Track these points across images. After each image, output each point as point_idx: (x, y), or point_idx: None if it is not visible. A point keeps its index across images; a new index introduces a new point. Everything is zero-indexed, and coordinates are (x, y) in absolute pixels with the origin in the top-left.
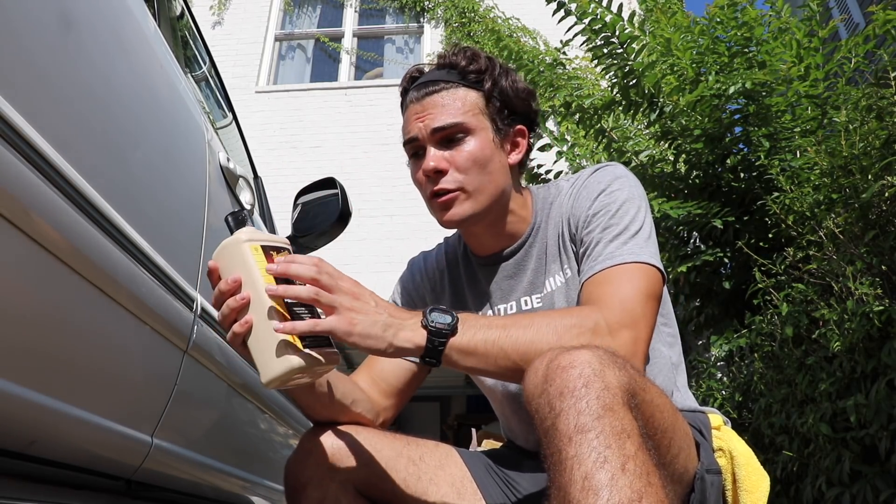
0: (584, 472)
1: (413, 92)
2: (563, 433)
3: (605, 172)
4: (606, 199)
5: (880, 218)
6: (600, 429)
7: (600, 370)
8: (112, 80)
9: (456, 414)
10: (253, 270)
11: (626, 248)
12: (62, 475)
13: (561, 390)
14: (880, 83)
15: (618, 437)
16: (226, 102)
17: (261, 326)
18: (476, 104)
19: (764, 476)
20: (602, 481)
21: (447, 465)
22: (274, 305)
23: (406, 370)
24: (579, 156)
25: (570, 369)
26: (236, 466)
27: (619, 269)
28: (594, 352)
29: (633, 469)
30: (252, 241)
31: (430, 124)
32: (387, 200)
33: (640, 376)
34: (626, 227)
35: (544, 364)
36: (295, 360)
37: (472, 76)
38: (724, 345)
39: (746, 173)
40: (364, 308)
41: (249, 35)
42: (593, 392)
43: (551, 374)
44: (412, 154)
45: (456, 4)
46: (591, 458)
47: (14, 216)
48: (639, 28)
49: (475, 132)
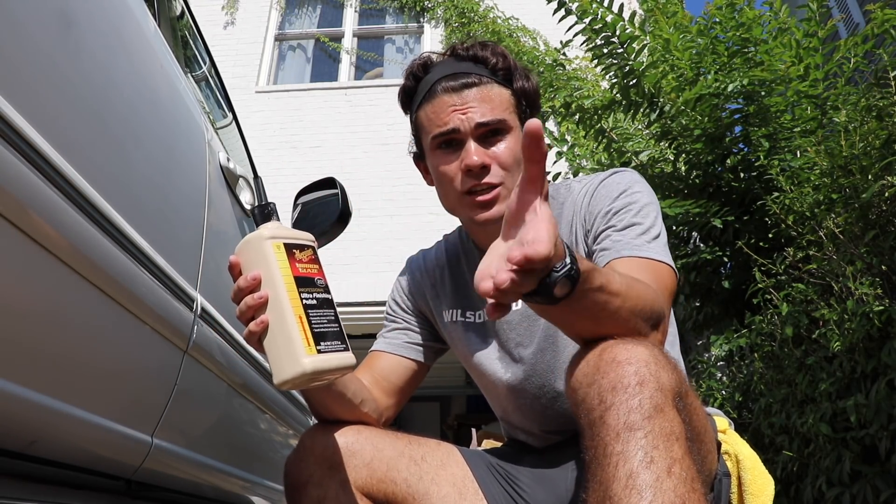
0: (628, 470)
1: (446, 81)
2: (612, 428)
3: (625, 175)
4: (629, 199)
5: (880, 218)
6: (650, 428)
7: (656, 370)
8: (112, 80)
9: (456, 414)
10: (273, 269)
11: (653, 246)
12: (62, 475)
13: (614, 384)
14: (880, 83)
15: (666, 439)
16: (226, 102)
17: (277, 327)
18: (511, 102)
19: (769, 480)
20: (647, 481)
21: (449, 465)
22: (291, 307)
23: (407, 368)
24: (579, 156)
25: (627, 365)
26: (236, 466)
27: (651, 262)
28: (651, 350)
29: (678, 473)
30: (275, 238)
31: (473, 118)
32: (387, 200)
33: (685, 378)
34: (650, 228)
35: (596, 354)
36: (308, 364)
37: (502, 73)
38: (724, 345)
39: (746, 173)
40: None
41: (249, 35)
42: (647, 391)
43: (605, 366)
44: (439, 146)
45: (456, 4)
46: (638, 457)
47: (14, 216)
48: (639, 28)
49: (512, 131)
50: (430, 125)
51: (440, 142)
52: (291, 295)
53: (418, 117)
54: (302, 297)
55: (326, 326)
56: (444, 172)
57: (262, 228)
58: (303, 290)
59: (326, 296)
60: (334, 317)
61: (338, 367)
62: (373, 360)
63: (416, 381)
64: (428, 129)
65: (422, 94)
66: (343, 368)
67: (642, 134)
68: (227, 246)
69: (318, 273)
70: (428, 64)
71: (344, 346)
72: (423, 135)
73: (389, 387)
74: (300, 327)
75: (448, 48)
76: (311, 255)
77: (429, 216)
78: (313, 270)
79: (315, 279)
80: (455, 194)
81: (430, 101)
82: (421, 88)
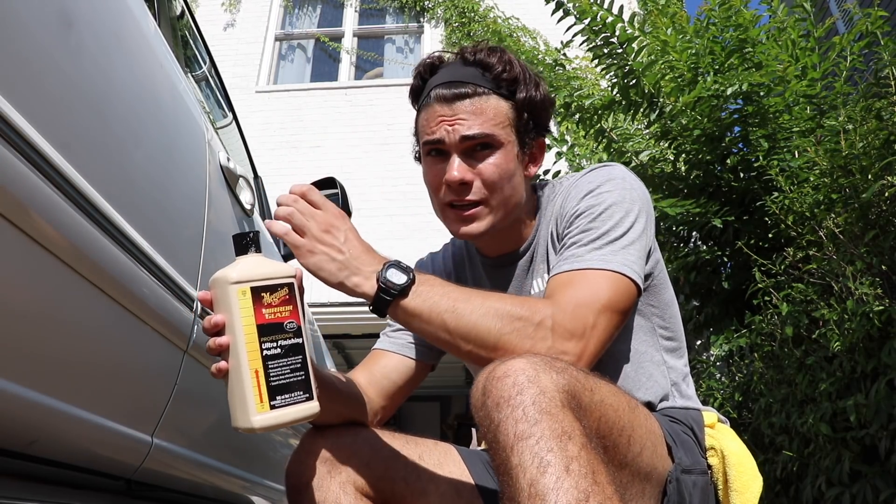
0: (529, 479)
1: (440, 89)
2: (505, 444)
3: (599, 173)
4: (593, 200)
5: (880, 218)
6: (540, 433)
7: (534, 376)
8: (112, 80)
9: (456, 413)
10: (234, 317)
11: (599, 254)
12: (62, 475)
13: (497, 401)
14: (880, 83)
15: (559, 440)
16: (226, 102)
17: (234, 376)
18: (507, 116)
19: (756, 477)
20: (547, 485)
21: (446, 464)
22: (248, 360)
23: (409, 367)
24: (579, 156)
25: (505, 378)
26: (236, 466)
27: (584, 273)
28: (529, 359)
29: (577, 469)
30: (242, 282)
31: (459, 131)
32: (387, 200)
33: (584, 377)
34: (606, 232)
35: (483, 377)
36: (257, 422)
37: (506, 84)
38: (723, 344)
39: (746, 173)
40: (329, 240)
41: (249, 35)
42: (528, 398)
43: (488, 385)
44: (429, 153)
45: (456, 4)
46: (535, 465)
47: (14, 216)
48: (639, 29)
49: (503, 146)
50: (422, 132)
51: (429, 149)
52: (251, 347)
53: (417, 120)
54: (263, 348)
55: (287, 377)
56: (430, 181)
57: (230, 268)
58: (266, 338)
59: (295, 341)
60: (300, 364)
61: (293, 420)
62: (374, 358)
63: (417, 381)
64: (420, 134)
65: (423, 97)
66: (301, 419)
67: (642, 134)
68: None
69: (289, 316)
70: (436, 65)
71: (306, 397)
72: (418, 138)
73: (390, 385)
74: (254, 382)
75: (458, 50)
76: (284, 295)
77: (429, 216)
78: (283, 314)
79: (284, 324)
80: (439, 204)
81: (425, 107)
82: (424, 90)
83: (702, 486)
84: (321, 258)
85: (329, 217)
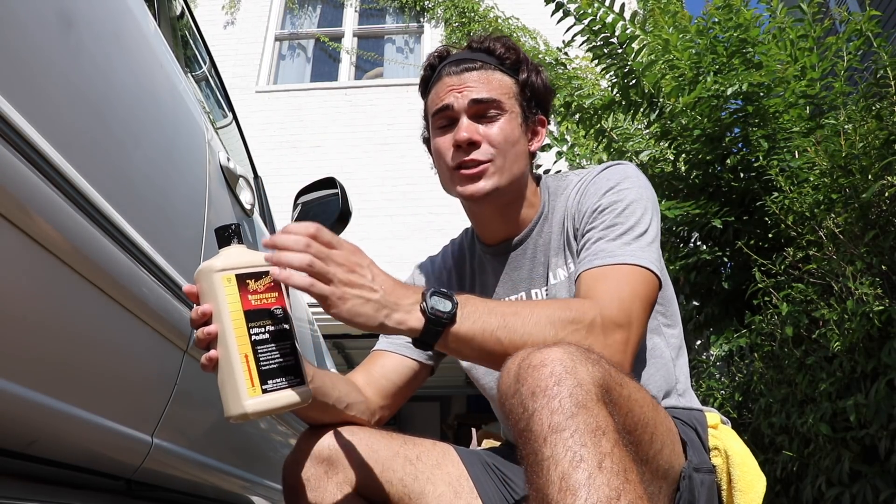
0: (560, 473)
1: (449, 66)
2: (538, 434)
3: (616, 171)
4: (615, 197)
5: (880, 218)
6: (575, 427)
7: (572, 367)
8: (112, 80)
9: (456, 414)
10: (221, 304)
11: (629, 249)
12: (62, 475)
13: (533, 390)
14: (879, 83)
15: (593, 435)
16: (226, 102)
17: (224, 364)
18: (511, 88)
19: (760, 477)
20: (579, 480)
21: (444, 464)
22: (237, 345)
23: (409, 368)
24: (579, 156)
25: (542, 368)
26: (236, 466)
27: (619, 268)
28: (566, 349)
29: (609, 466)
30: (226, 269)
31: (468, 95)
32: (387, 200)
33: (615, 371)
34: (632, 228)
35: (516, 364)
36: (250, 406)
37: (509, 63)
38: (723, 344)
39: (746, 173)
40: (359, 281)
41: (249, 35)
42: (566, 390)
43: (523, 373)
44: (440, 126)
45: (456, 4)
46: (567, 458)
47: (14, 216)
48: (640, 28)
49: (508, 113)
50: (432, 105)
51: (439, 123)
52: (239, 332)
53: (426, 102)
54: (251, 333)
55: (277, 362)
56: (438, 148)
57: (215, 258)
58: (253, 324)
59: (282, 327)
60: (289, 349)
61: (286, 405)
62: (374, 358)
63: (418, 382)
64: (430, 108)
65: (432, 80)
66: (294, 405)
67: (642, 134)
68: None
69: (275, 302)
70: (444, 55)
71: (297, 381)
72: (428, 117)
73: (389, 385)
74: (244, 366)
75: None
76: (269, 282)
77: (429, 216)
78: (269, 300)
79: (271, 310)
80: (446, 169)
81: (435, 84)
82: (433, 76)
83: (708, 485)
84: (355, 303)
85: (348, 255)
